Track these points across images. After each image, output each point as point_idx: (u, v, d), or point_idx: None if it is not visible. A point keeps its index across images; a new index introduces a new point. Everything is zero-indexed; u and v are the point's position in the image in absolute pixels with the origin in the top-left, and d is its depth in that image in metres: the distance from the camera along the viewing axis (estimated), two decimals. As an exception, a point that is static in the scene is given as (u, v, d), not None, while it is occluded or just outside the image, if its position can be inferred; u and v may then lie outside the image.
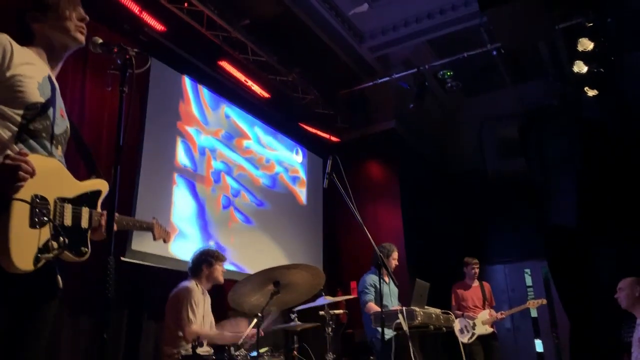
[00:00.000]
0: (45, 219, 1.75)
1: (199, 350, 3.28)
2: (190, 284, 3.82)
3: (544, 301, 6.54)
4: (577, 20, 5.71)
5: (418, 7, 6.59)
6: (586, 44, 5.60)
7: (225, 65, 5.88)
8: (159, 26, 5.02)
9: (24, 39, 1.99)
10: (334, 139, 7.87)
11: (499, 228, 8.75)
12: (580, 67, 5.84)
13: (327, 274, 3.37)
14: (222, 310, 4.38)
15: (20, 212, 1.68)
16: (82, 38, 2.05)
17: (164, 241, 2.50)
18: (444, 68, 6.94)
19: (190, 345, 3.34)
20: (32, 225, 1.71)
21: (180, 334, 3.57)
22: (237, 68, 5.98)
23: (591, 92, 6.09)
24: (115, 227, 2.08)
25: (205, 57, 5.84)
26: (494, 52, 6.32)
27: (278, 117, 7.12)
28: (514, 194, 8.41)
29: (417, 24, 6.76)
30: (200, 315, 3.75)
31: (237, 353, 3.31)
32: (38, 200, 1.74)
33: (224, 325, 3.89)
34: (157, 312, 4.09)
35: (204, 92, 5.91)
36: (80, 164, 2.25)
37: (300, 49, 6.52)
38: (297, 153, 7.52)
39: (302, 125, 7.48)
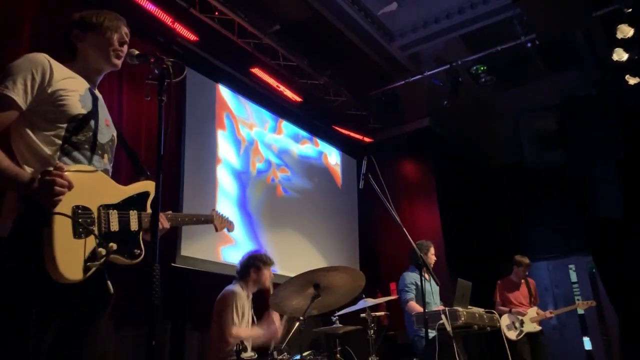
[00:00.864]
0: (89, 228, 1.79)
1: (244, 355, 3.30)
2: (236, 287, 3.85)
3: (593, 303, 6.36)
4: (614, 6, 5.53)
5: (448, 3, 6.50)
6: (626, 31, 5.41)
7: (257, 71, 5.94)
8: (191, 36, 5.10)
9: (67, 56, 2.06)
10: (367, 139, 7.84)
11: (540, 223, 8.54)
12: (620, 55, 5.65)
13: (365, 276, 3.35)
14: (262, 312, 4.40)
15: (62, 225, 1.73)
16: (118, 63, 2.10)
17: (228, 230, 2.52)
18: (477, 63, 6.84)
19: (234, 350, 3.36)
20: (77, 235, 1.76)
21: (227, 338, 3.60)
22: (269, 74, 6.04)
23: (633, 80, 5.89)
24: (168, 225, 2.13)
25: (238, 64, 5.92)
26: (529, 44, 6.18)
27: (311, 120, 7.14)
28: (554, 188, 8.20)
29: (447, 20, 6.66)
30: (246, 320, 3.77)
31: (280, 357, 3.32)
32: (80, 211, 1.78)
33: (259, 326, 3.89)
34: (202, 321, 4.13)
35: (239, 98, 6.01)
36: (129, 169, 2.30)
37: (331, 52, 6.53)
38: (331, 155, 7.53)
39: (335, 127, 7.48)
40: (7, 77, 1.82)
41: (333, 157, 7.57)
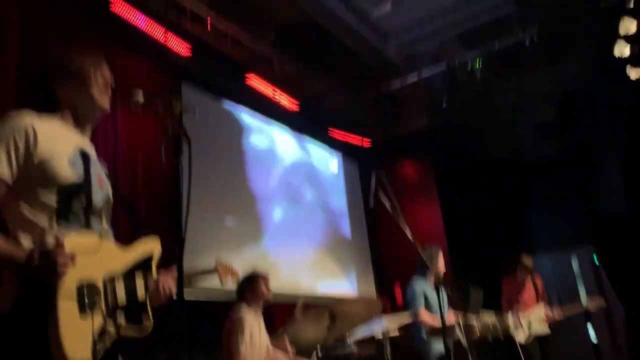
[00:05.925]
0: (95, 305, 1.68)
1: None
2: (241, 311, 3.73)
3: (603, 303, 6.30)
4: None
5: (443, 1, 6.36)
6: (628, 25, 5.30)
7: (253, 81, 5.79)
8: (184, 49, 4.94)
9: (49, 107, 1.91)
10: (366, 141, 7.72)
11: (542, 215, 8.50)
12: (622, 50, 5.53)
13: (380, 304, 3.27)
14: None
15: (67, 305, 1.61)
16: (107, 105, 1.96)
17: (232, 279, 2.44)
18: (474, 60, 6.72)
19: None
20: (83, 314, 1.64)
21: None
22: (265, 82, 5.90)
23: (634, 74, 5.77)
24: (173, 287, 1.98)
25: (233, 75, 5.76)
26: (527, 41, 6.07)
27: (309, 126, 7.01)
28: (555, 179, 8.16)
29: (442, 19, 6.53)
30: (257, 343, 3.65)
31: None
32: (84, 288, 1.66)
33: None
34: (214, 353, 3.98)
35: (237, 109, 5.87)
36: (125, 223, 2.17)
37: (326, 56, 6.38)
38: (332, 159, 7.43)
39: (333, 131, 7.36)
40: None
41: (334, 161, 7.47)
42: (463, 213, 7.91)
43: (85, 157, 1.88)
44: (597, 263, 8.02)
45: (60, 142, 1.81)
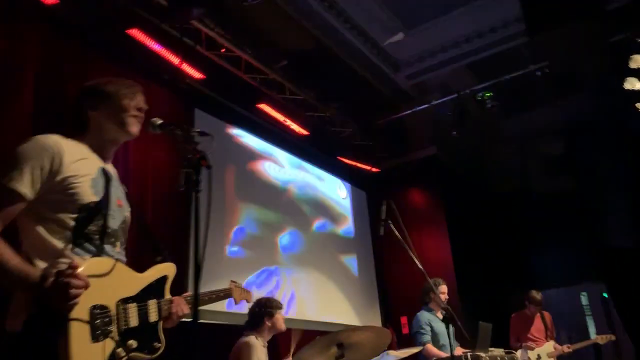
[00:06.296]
0: (107, 329, 1.66)
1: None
2: (250, 339, 3.67)
3: (613, 337, 6.18)
4: (625, 35, 5.46)
5: (455, 32, 6.42)
6: (639, 59, 5.35)
7: (264, 107, 5.82)
8: (197, 74, 4.99)
9: (78, 127, 1.92)
10: (374, 169, 7.71)
11: (551, 250, 8.40)
12: (633, 84, 5.57)
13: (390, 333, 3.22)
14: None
15: (79, 330, 1.59)
16: (136, 131, 1.97)
17: (247, 301, 2.41)
18: (484, 90, 6.75)
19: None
20: (95, 338, 1.62)
21: None
22: (276, 109, 5.92)
23: (645, 109, 5.81)
24: (188, 310, 1.96)
25: (245, 100, 5.80)
26: (538, 73, 6.09)
27: (318, 153, 7.03)
28: (564, 213, 8.07)
29: (454, 49, 6.60)
30: None
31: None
32: (97, 312, 1.65)
33: None
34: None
35: (247, 136, 5.91)
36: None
37: (337, 83, 6.44)
38: (340, 188, 7.42)
39: (342, 159, 7.36)
40: (13, 166, 1.68)
41: (343, 190, 7.47)
42: (472, 244, 7.84)
43: (107, 176, 1.90)
44: (606, 296, 7.91)
45: (85, 163, 1.82)
